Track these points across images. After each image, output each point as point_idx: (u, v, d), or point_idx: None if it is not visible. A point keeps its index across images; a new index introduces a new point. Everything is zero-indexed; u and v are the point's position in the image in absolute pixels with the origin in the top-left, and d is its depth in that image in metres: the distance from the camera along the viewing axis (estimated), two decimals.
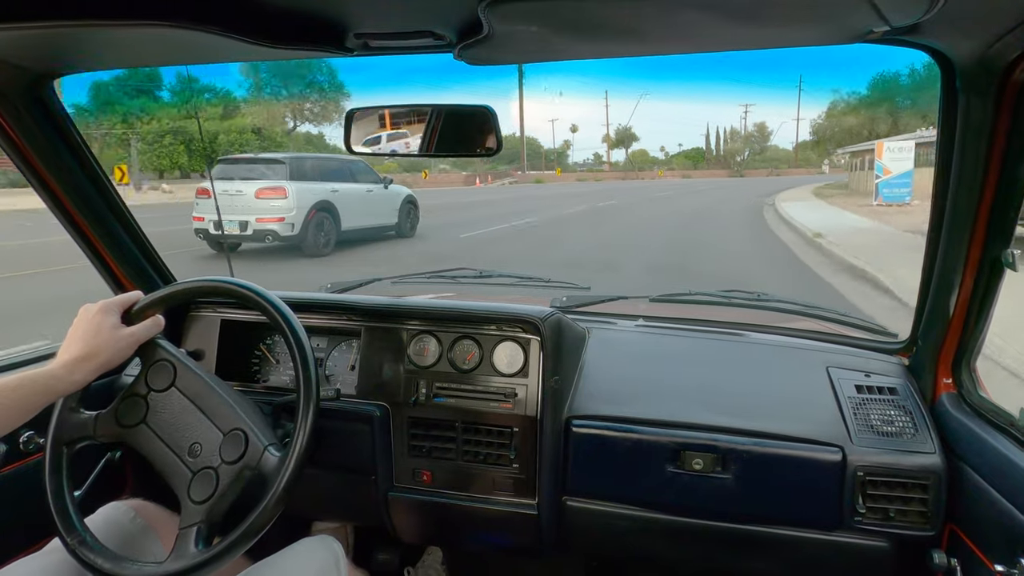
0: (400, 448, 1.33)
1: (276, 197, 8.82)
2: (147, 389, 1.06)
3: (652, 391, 1.34)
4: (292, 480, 0.97)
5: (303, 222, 8.89)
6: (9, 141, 1.21)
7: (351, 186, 10.00)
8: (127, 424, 1.05)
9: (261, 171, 9.28)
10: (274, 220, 8.69)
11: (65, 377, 0.95)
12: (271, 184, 8.92)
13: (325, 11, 0.86)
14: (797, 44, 0.96)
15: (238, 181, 8.97)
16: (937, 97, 1.00)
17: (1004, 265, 1.03)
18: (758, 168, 69.00)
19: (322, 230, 9.21)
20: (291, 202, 8.84)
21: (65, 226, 1.37)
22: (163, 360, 1.08)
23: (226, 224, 8.60)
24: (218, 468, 0.99)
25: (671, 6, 0.79)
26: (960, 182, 1.02)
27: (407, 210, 11.21)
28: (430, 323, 1.34)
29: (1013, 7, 0.75)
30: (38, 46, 1.01)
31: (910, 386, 1.29)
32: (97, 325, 1.00)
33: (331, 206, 9.39)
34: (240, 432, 1.01)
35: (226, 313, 1.45)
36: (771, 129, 79.26)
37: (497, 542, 1.42)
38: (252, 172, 9.26)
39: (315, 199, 9.15)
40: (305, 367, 1.03)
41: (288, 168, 9.17)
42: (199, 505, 0.98)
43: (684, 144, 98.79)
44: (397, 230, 10.99)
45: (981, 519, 1.06)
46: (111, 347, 1.00)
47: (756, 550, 1.27)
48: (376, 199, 10.54)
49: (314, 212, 9.06)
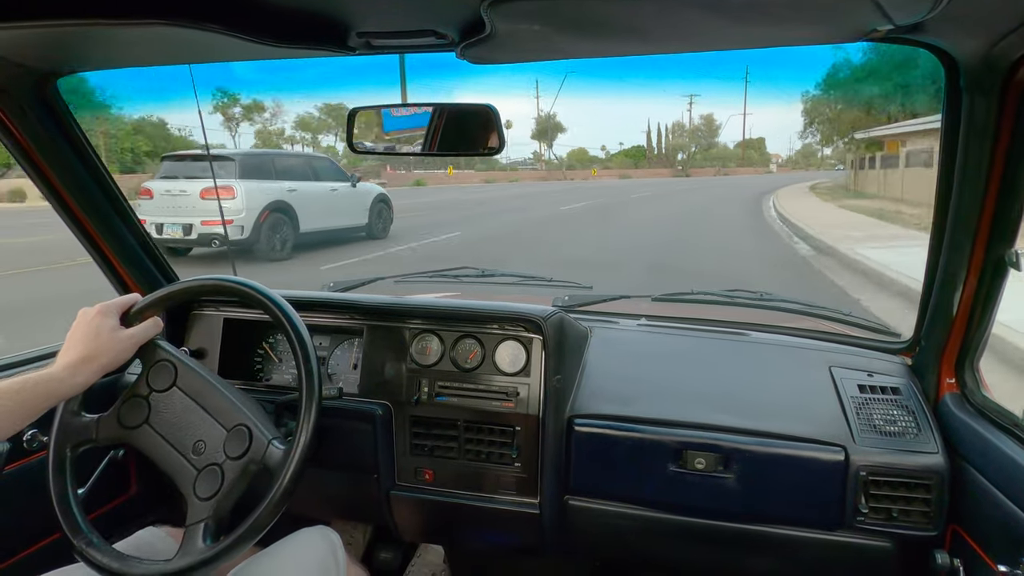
0: (402, 447, 1.34)
1: (223, 197, 8.02)
2: (149, 390, 1.07)
3: (654, 390, 1.34)
4: (297, 473, 0.97)
5: (254, 224, 8.12)
6: (13, 140, 1.22)
7: (312, 185, 9.26)
8: (129, 425, 1.05)
9: (205, 169, 8.22)
10: (220, 223, 7.70)
11: (67, 379, 0.96)
12: (220, 183, 8.09)
13: (327, 10, 0.86)
14: (800, 43, 0.96)
15: (182, 180, 8.16)
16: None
17: (1008, 265, 1.03)
18: (704, 166, 65.41)
19: (277, 233, 8.48)
20: (240, 203, 7.99)
21: (68, 224, 1.37)
22: (163, 360, 1.08)
23: (168, 227, 7.90)
24: (223, 464, 1.00)
25: (673, 5, 0.79)
26: (964, 181, 1.01)
27: (378, 210, 10.42)
28: (432, 322, 1.35)
29: (1018, 6, 0.75)
30: (42, 45, 1.01)
31: (913, 386, 1.28)
32: (96, 327, 1.00)
33: (287, 206, 8.64)
34: (244, 428, 1.01)
35: (229, 312, 1.45)
36: (719, 123, 75.47)
37: (499, 541, 1.42)
38: (199, 170, 8.25)
39: (268, 199, 8.34)
40: (307, 365, 1.03)
41: (238, 165, 8.34)
42: (205, 502, 0.98)
43: (626, 143, 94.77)
44: (367, 231, 10.17)
45: (984, 519, 1.06)
46: (111, 349, 1.00)
47: (758, 550, 1.26)
48: (341, 198, 9.73)
49: (267, 213, 8.30)
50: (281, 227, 8.58)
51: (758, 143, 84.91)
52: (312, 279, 7.48)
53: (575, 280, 1.80)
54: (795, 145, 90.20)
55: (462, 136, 1.19)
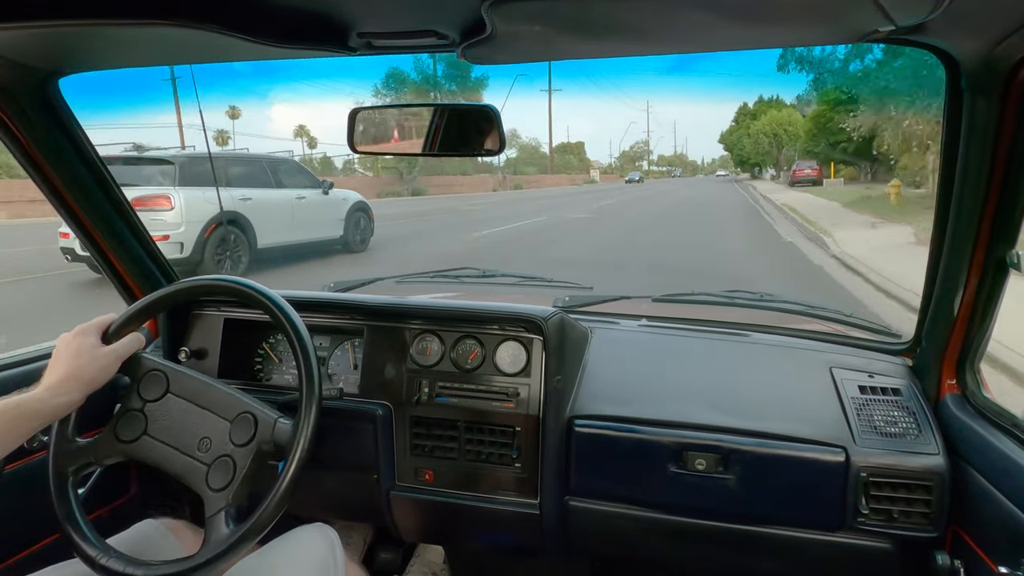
0: (402, 447, 1.34)
1: (157, 208, 6.67)
2: (142, 402, 1.06)
3: (655, 391, 1.34)
4: (309, 443, 0.98)
5: (196, 240, 6.85)
6: (15, 140, 1.22)
7: (271, 193, 7.99)
8: (128, 440, 1.05)
9: (146, 174, 7.07)
10: (155, 239, 6.11)
11: (49, 400, 0.95)
12: (151, 192, 6.77)
13: (328, 10, 0.86)
14: (801, 44, 0.96)
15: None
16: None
17: (1009, 266, 1.03)
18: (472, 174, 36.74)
19: (228, 250, 7.27)
20: (178, 215, 6.73)
21: (70, 225, 1.38)
22: (152, 371, 1.08)
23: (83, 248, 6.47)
24: (232, 453, 1.00)
25: (674, 6, 0.79)
26: (965, 182, 1.01)
27: (356, 219, 9.23)
28: (433, 322, 1.35)
29: (1020, 7, 0.75)
30: (44, 45, 1.02)
31: (914, 387, 1.28)
32: (76, 347, 1.00)
33: (241, 218, 7.37)
34: (247, 415, 1.02)
35: (230, 312, 1.45)
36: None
37: (499, 542, 1.42)
38: (130, 176, 6.90)
39: (214, 210, 6.93)
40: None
41: (178, 170, 6.97)
42: (221, 492, 0.98)
43: None
44: (343, 244, 9.01)
45: (985, 521, 1.06)
46: (93, 366, 1.00)
47: (758, 551, 1.26)
48: (310, 208, 8.48)
49: (214, 227, 7.00)
50: (231, 241, 7.33)
51: (577, 147, 74.26)
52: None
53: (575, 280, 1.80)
54: (614, 151, 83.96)
55: (462, 136, 1.19)
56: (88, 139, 1.30)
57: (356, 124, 1.24)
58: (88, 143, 1.31)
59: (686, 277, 6.89)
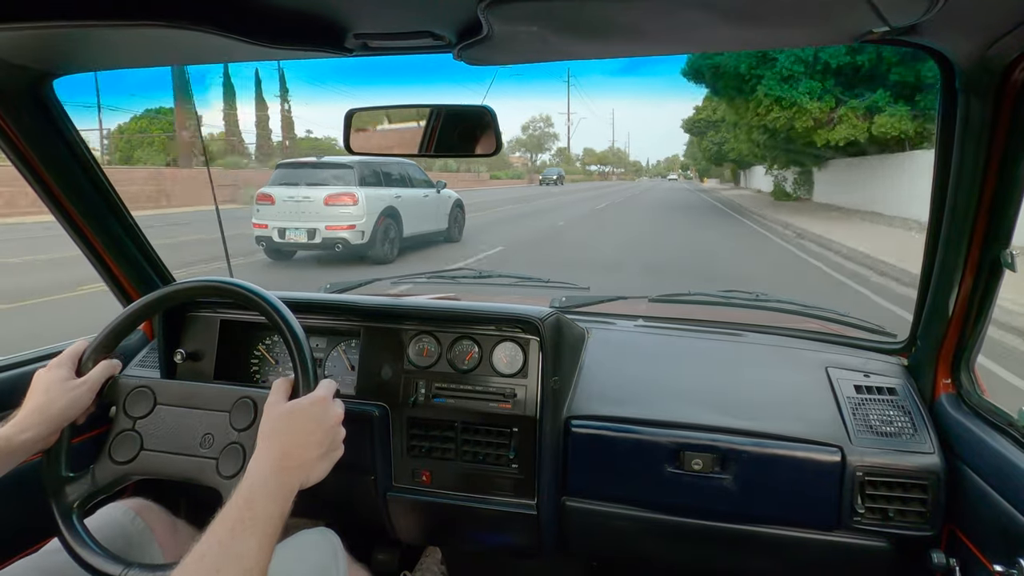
0: (399, 448, 1.33)
1: (346, 204, 8.49)
2: (131, 420, 1.05)
3: (651, 391, 1.34)
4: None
5: (372, 229, 8.60)
6: (9, 141, 1.21)
7: (411, 191, 9.77)
8: (126, 460, 1.04)
9: (325, 176, 8.92)
10: (344, 228, 8.42)
11: (15, 436, 0.93)
12: (341, 190, 8.59)
13: (324, 11, 0.86)
14: (796, 44, 0.97)
15: (304, 187, 8.69)
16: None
17: (1003, 265, 1.03)
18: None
19: (388, 237, 8.96)
20: (361, 209, 8.50)
21: (64, 226, 1.37)
22: (136, 389, 1.07)
23: (292, 232, 8.42)
24: (238, 439, 0.99)
25: (670, 6, 0.79)
26: (959, 182, 1.02)
27: (455, 215, 11.04)
28: (429, 323, 1.34)
29: (1013, 7, 0.75)
30: (38, 46, 1.01)
31: (909, 386, 1.29)
32: (47, 382, 0.99)
33: (396, 212, 9.14)
34: (245, 399, 1.02)
35: (225, 313, 1.45)
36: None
37: (496, 542, 1.42)
38: (316, 177, 8.94)
39: (383, 205, 8.87)
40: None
41: (356, 173, 8.77)
42: (234, 478, 0.97)
43: None
44: (446, 235, 10.81)
45: (980, 519, 1.06)
46: (61, 398, 0.98)
47: (755, 550, 1.27)
48: (431, 204, 10.32)
49: (383, 219, 8.80)
50: (390, 231, 9.05)
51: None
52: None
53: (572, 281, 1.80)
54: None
55: (459, 137, 1.19)
56: (83, 140, 1.30)
57: (352, 124, 1.24)
58: (82, 144, 1.30)
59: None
